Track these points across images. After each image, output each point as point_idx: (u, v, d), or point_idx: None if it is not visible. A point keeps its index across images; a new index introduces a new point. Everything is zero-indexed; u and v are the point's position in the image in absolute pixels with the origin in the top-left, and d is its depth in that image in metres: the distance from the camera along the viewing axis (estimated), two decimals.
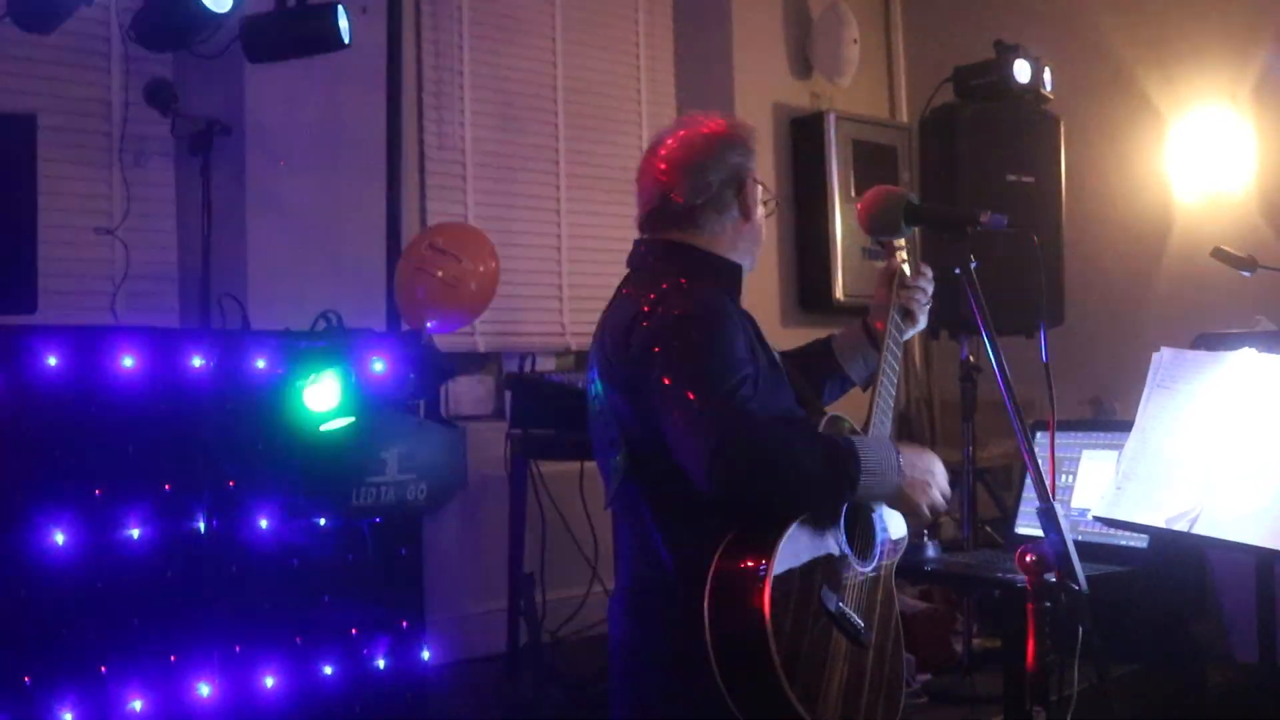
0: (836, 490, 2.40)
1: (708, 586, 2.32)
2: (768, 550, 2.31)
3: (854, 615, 2.42)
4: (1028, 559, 2.29)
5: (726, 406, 2.32)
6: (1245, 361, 2.90)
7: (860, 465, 2.39)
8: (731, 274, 2.64)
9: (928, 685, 4.53)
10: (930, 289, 2.83)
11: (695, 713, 2.39)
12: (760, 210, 2.67)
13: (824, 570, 2.40)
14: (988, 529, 5.26)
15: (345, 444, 3.39)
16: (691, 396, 2.33)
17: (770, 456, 2.31)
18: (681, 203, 2.60)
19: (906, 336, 2.84)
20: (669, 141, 2.65)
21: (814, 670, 2.33)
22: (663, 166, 2.63)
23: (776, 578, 2.29)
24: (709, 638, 2.29)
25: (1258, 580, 3.00)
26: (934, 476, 2.58)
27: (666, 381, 2.38)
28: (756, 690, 2.27)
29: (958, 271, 2.46)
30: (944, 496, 2.58)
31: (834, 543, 2.44)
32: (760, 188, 2.68)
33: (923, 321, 2.86)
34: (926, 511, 2.55)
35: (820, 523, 2.41)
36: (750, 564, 2.31)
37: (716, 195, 2.61)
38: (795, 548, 2.35)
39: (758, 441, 2.30)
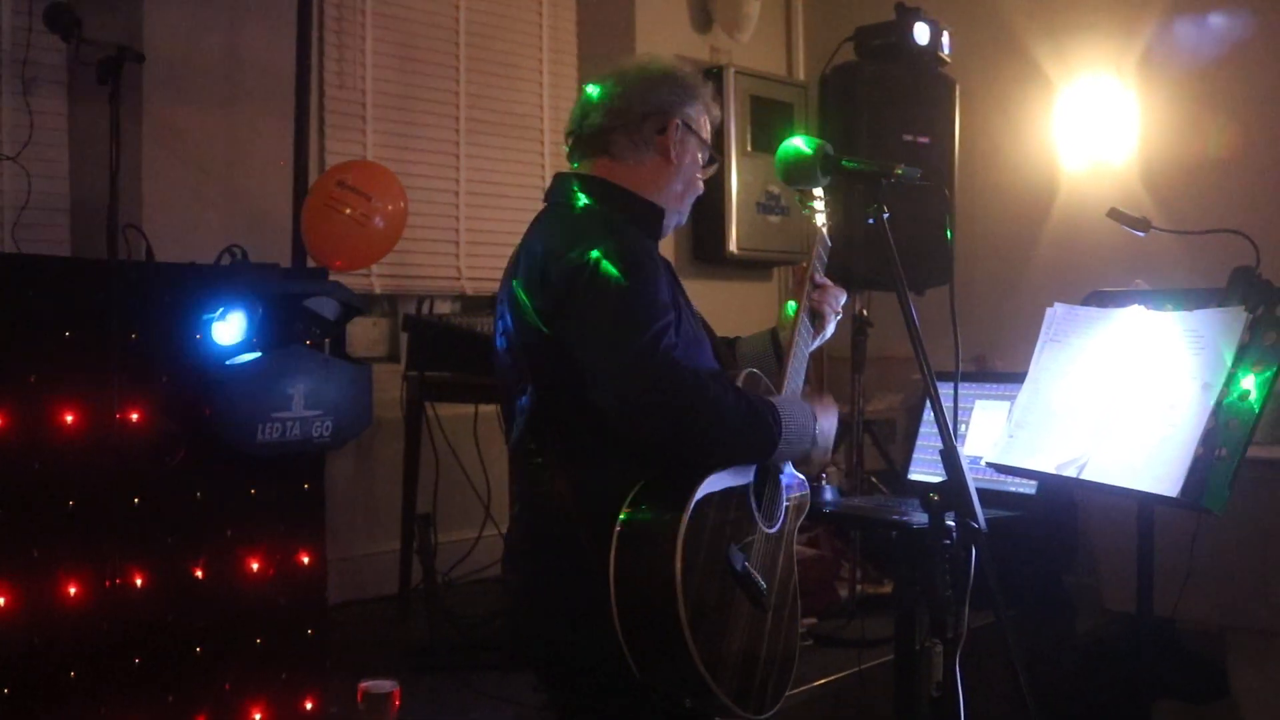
0: (758, 449, 2.40)
1: (614, 537, 2.26)
2: (681, 503, 2.25)
3: (758, 576, 2.40)
4: (933, 497, 2.37)
5: (653, 351, 2.27)
6: (1133, 317, 3.03)
7: (783, 428, 2.40)
8: (649, 215, 2.58)
9: (813, 629, 4.64)
10: (843, 299, 2.79)
11: (592, 665, 2.35)
12: (689, 160, 2.62)
13: (733, 528, 2.37)
14: (873, 479, 5.41)
15: (252, 379, 3.37)
16: (618, 338, 2.28)
17: (696, 407, 2.27)
18: (597, 123, 2.58)
19: (813, 345, 2.75)
20: (609, 68, 2.64)
21: (718, 632, 2.29)
22: (591, 87, 2.62)
23: (689, 533, 2.23)
24: (613, 591, 2.24)
25: (1138, 527, 3.14)
26: (830, 441, 2.59)
27: (590, 320, 2.32)
28: (659, 648, 2.22)
29: (871, 221, 2.51)
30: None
31: (744, 501, 2.42)
32: (698, 143, 2.62)
33: (830, 330, 2.80)
34: (817, 466, 2.60)
35: (733, 479, 2.39)
36: (663, 516, 2.25)
37: (633, 124, 2.57)
38: (708, 503, 2.30)
39: (684, 390, 2.26)
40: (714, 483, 2.33)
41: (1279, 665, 4.13)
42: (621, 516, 2.28)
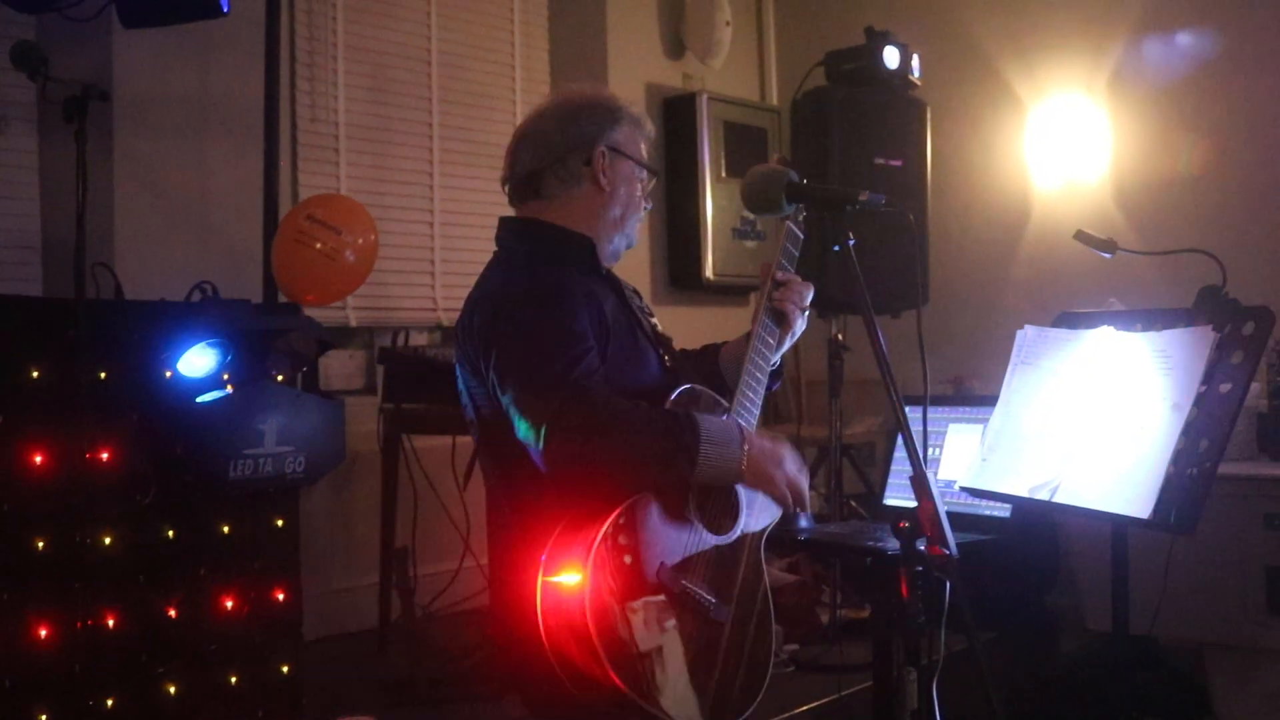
0: (675, 464, 2.36)
1: (540, 568, 2.31)
2: (595, 530, 2.29)
3: (700, 592, 2.40)
4: (902, 525, 2.36)
5: (557, 386, 2.32)
6: (1103, 339, 3.04)
7: (700, 438, 2.36)
8: (580, 249, 2.61)
9: (795, 655, 4.62)
10: (809, 294, 2.76)
11: (558, 689, 2.36)
12: (624, 184, 2.65)
13: (667, 547, 2.38)
14: (853, 503, 5.40)
15: (222, 416, 3.36)
16: (522, 377, 2.36)
17: (601, 433, 2.30)
18: (526, 167, 2.63)
19: (783, 348, 2.75)
20: (531, 110, 2.70)
21: (649, 653, 2.30)
22: (515, 133, 2.67)
23: (601, 559, 2.26)
24: (541, 622, 2.29)
25: (1112, 547, 3.14)
26: (782, 455, 2.54)
27: (501, 363, 2.40)
28: (587, 674, 2.26)
29: (836, 249, 2.51)
30: (797, 477, 2.55)
31: (684, 517, 2.42)
32: (631, 164, 2.66)
33: (799, 327, 2.77)
34: (785, 490, 2.53)
35: (668, 498, 2.40)
36: (575, 548, 2.29)
37: (558, 161, 2.61)
38: (631, 525, 2.33)
39: (589, 419, 2.29)
40: (642, 504, 2.36)
41: (1259, 681, 4.12)
42: (546, 551, 2.33)
